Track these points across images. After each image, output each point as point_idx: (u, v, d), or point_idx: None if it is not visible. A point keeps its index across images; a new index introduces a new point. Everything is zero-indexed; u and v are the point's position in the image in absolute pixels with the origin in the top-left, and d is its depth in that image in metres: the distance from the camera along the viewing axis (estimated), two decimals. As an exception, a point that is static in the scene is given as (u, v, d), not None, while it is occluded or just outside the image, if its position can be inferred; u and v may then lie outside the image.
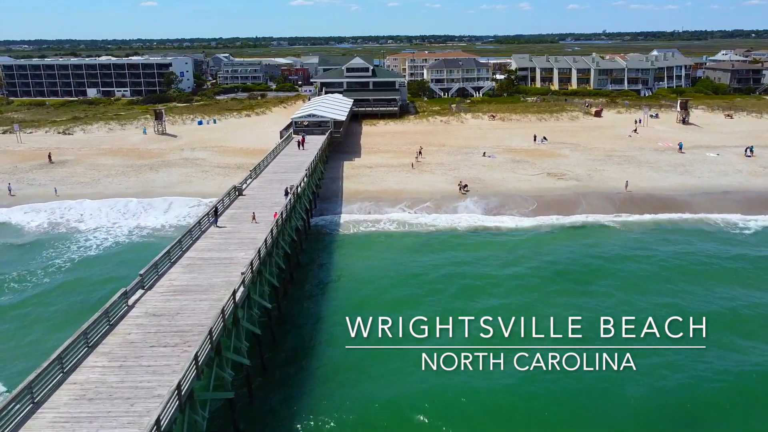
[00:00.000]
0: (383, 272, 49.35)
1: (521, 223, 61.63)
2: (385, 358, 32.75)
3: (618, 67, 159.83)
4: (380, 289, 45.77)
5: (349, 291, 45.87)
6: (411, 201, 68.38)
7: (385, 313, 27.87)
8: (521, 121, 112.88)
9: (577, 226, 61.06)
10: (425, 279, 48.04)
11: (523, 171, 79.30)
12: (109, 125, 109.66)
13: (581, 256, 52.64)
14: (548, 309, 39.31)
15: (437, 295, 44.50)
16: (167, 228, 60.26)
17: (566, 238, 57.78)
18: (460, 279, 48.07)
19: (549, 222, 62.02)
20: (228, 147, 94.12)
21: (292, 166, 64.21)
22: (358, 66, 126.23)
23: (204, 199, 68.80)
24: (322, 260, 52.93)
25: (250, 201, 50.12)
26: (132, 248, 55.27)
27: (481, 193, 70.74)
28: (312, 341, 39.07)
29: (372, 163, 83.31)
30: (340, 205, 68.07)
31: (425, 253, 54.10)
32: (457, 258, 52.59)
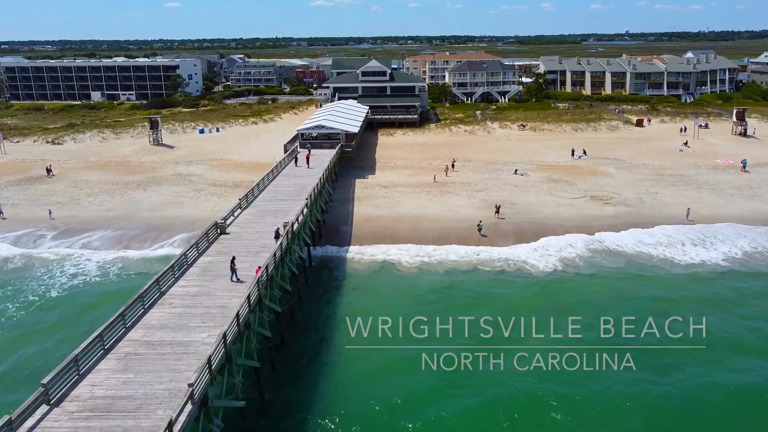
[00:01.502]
0: (390, 338, 38.78)
1: (567, 262, 50.80)
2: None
3: (656, 70, 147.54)
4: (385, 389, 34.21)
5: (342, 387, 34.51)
6: (432, 231, 58.08)
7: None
8: (554, 131, 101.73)
9: (636, 272, 49.89)
10: (447, 348, 37.60)
11: (562, 193, 68.47)
12: (102, 134, 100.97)
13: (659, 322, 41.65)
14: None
15: (463, 390, 33.62)
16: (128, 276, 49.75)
17: (627, 286, 46.79)
18: (494, 346, 37.66)
19: (601, 262, 51.11)
20: (227, 160, 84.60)
21: (291, 192, 54.28)
22: (375, 69, 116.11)
23: (193, 225, 59.51)
24: (318, 315, 42.68)
25: (233, 243, 40.22)
26: (74, 305, 43.91)
27: (515, 221, 60.19)
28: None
29: (388, 182, 73.10)
30: (349, 234, 58.00)
31: (447, 303, 43.57)
32: (486, 313, 41.96)
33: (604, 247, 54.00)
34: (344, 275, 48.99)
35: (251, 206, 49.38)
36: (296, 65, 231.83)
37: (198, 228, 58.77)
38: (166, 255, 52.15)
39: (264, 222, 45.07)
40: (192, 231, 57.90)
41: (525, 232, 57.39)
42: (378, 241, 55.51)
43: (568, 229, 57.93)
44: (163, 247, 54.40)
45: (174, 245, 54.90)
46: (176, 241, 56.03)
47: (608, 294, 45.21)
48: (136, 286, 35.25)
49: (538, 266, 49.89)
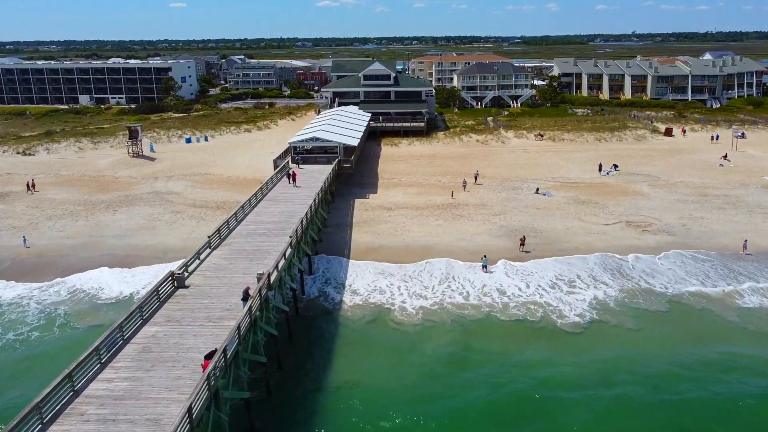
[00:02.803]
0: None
1: (603, 308, 41.66)
2: None
3: (680, 73, 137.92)
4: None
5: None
6: (444, 265, 49.09)
7: None
8: (576, 141, 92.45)
9: (694, 324, 40.71)
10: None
11: (592, 218, 59.28)
12: (79, 143, 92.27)
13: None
14: None
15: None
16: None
17: (686, 344, 37.62)
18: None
19: (645, 308, 41.97)
20: (213, 175, 75.71)
21: (276, 223, 45.26)
22: (378, 72, 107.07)
23: (164, 256, 50.76)
24: (303, 397, 33.65)
25: (190, 303, 31.25)
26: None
27: (540, 254, 51.15)
28: None
29: (391, 203, 64.10)
30: (344, 269, 49.09)
31: (461, 371, 34.58)
32: (510, 393, 32.97)
33: (646, 286, 45.00)
34: (336, 328, 39.97)
35: (224, 244, 40.37)
36: (297, 66, 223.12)
37: (171, 260, 50.51)
38: (124, 298, 43.56)
39: (236, 268, 36.09)
40: (162, 263, 49.39)
41: (557, 267, 48.42)
42: (380, 280, 46.73)
43: (604, 262, 49.14)
44: (123, 290, 45.43)
45: (137, 285, 46.00)
46: (140, 278, 47.12)
47: (665, 357, 36.07)
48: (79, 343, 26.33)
49: (567, 314, 40.78)
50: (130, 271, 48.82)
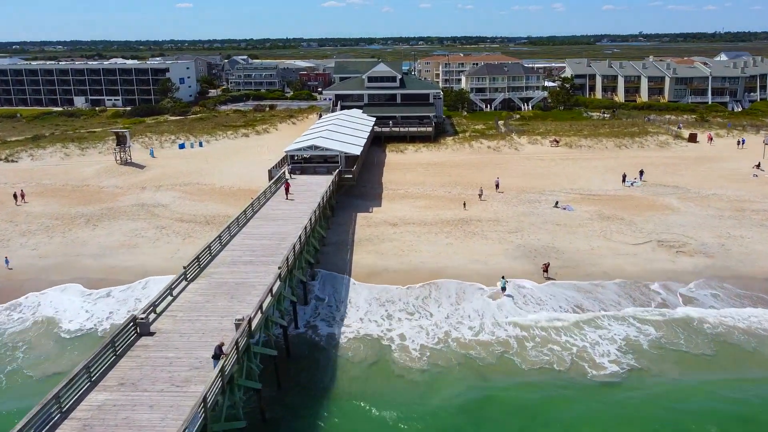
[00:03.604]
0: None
1: (638, 352, 35.94)
2: None
3: (700, 74, 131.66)
4: None
5: None
6: (455, 291, 43.61)
7: None
8: (594, 148, 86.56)
9: (749, 374, 34.92)
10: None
11: (619, 236, 53.50)
12: (66, 149, 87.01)
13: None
14: None
15: None
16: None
17: (745, 401, 31.86)
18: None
19: (690, 351, 36.23)
20: (204, 185, 70.30)
21: (266, 248, 39.70)
22: (383, 74, 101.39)
23: (144, 280, 45.52)
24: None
25: (152, 358, 25.77)
26: None
27: (562, 279, 45.52)
28: None
29: (397, 218, 58.52)
30: (344, 295, 43.65)
31: None
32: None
33: (685, 321, 39.28)
34: (333, 372, 34.41)
35: (204, 275, 34.86)
36: (300, 67, 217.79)
37: (151, 283, 45.32)
38: (89, 331, 38.19)
39: (214, 308, 30.58)
40: (137, 290, 44.14)
41: (578, 297, 42.77)
42: (384, 310, 41.29)
43: (637, 291, 43.48)
44: (88, 320, 40.02)
45: (105, 313, 40.57)
46: (111, 305, 41.67)
47: (720, 418, 30.34)
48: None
49: (597, 358, 35.02)
50: (101, 295, 43.51)
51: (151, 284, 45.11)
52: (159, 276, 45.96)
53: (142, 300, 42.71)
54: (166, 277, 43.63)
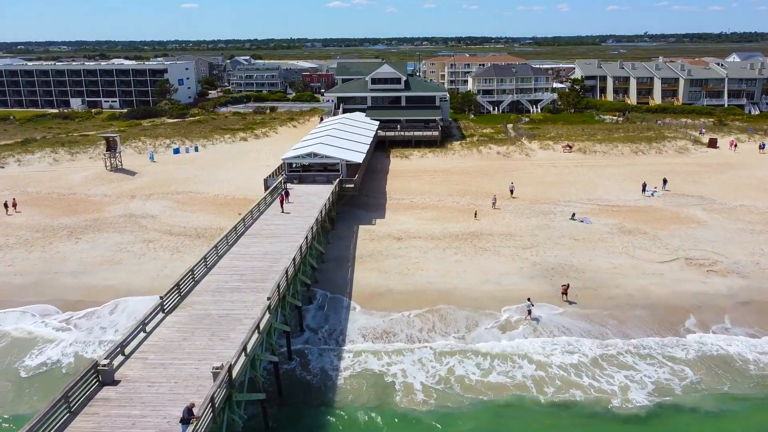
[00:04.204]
0: None
1: (671, 392, 31.82)
2: None
3: (716, 76, 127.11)
4: None
5: None
6: (465, 315, 39.60)
7: None
8: (609, 154, 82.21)
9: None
10: None
11: (644, 253, 49.27)
12: (55, 154, 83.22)
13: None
14: None
15: None
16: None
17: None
18: None
19: (730, 388, 32.06)
20: (197, 194, 66.35)
21: (256, 271, 35.63)
22: (387, 76, 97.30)
23: (125, 302, 41.65)
24: None
25: (111, 417, 21.78)
26: None
27: (583, 302, 41.41)
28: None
29: (402, 231, 54.43)
30: (344, 318, 39.73)
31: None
32: None
33: (724, 358, 35.00)
34: (330, 417, 30.37)
35: (184, 305, 30.81)
36: (303, 68, 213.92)
37: (133, 304, 41.52)
38: (54, 367, 34.19)
39: (191, 348, 26.55)
40: (120, 311, 40.32)
41: (602, 327, 38.59)
42: (387, 336, 37.33)
43: (667, 320, 39.26)
44: (54, 352, 36.02)
45: (72, 353, 36.48)
46: (83, 333, 37.69)
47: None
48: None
49: (625, 408, 30.75)
50: (75, 319, 39.55)
51: (133, 306, 41.27)
52: (141, 297, 42.15)
53: (120, 324, 38.95)
54: (148, 299, 39.92)
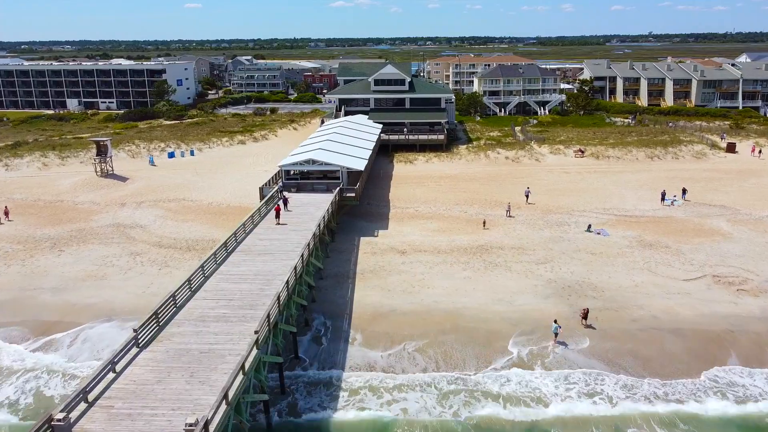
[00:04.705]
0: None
1: None
2: None
3: (730, 77, 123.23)
4: None
5: None
6: (474, 357, 35.90)
7: None
8: (623, 159, 78.58)
9: None
10: None
11: (667, 269, 45.72)
12: (45, 158, 79.99)
13: None
14: None
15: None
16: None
17: None
18: None
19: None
20: (190, 202, 63.01)
21: (245, 295, 32.21)
22: (391, 77, 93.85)
23: (108, 322, 38.37)
24: None
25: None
26: None
27: (603, 325, 37.87)
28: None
29: (406, 244, 50.97)
30: (344, 340, 36.37)
31: None
32: None
33: None
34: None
35: (162, 337, 27.41)
36: (305, 68, 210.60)
37: (115, 327, 38.30)
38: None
39: (166, 393, 23.12)
40: (95, 337, 36.99)
41: (625, 352, 34.97)
42: (391, 368, 33.82)
43: (701, 353, 35.54)
44: (7, 389, 32.55)
45: (31, 391, 33.09)
46: (49, 361, 34.32)
47: None
48: None
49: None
50: (44, 345, 36.13)
51: (107, 333, 37.91)
52: (112, 323, 38.87)
53: (95, 350, 35.59)
54: (121, 328, 36.60)
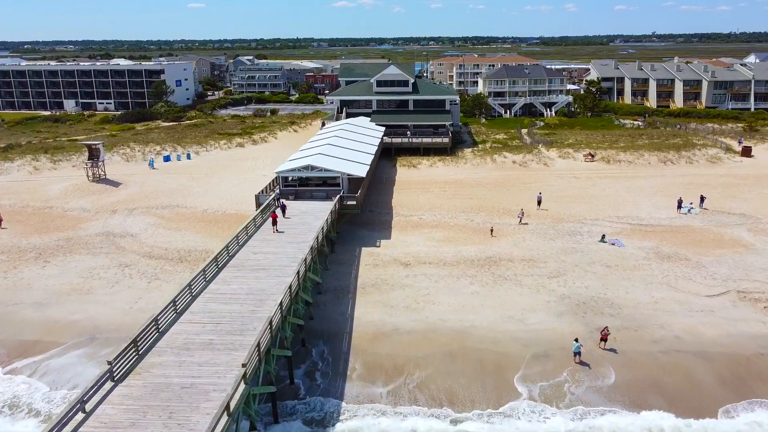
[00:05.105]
0: None
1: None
2: None
3: (742, 78, 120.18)
4: None
5: None
6: (487, 372, 33.27)
7: None
8: (635, 164, 75.69)
9: None
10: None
11: (688, 284, 42.92)
12: (36, 162, 77.49)
13: None
14: None
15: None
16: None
17: None
18: None
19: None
20: (184, 209, 60.36)
21: (235, 317, 29.55)
22: (394, 78, 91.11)
23: (91, 342, 35.80)
24: None
25: None
26: None
27: (627, 351, 35.07)
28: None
29: (410, 255, 48.24)
30: (343, 366, 33.60)
31: None
32: None
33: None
34: None
35: (140, 369, 24.73)
36: (307, 68, 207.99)
37: (98, 346, 35.81)
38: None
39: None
40: (71, 362, 34.39)
41: (648, 386, 32.12)
42: (394, 398, 31.15)
43: (730, 377, 32.77)
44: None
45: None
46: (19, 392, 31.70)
47: None
48: None
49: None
50: (15, 371, 33.49)
51: (78, 355, 35.26)
52: (95, 346, 36.17)
53: (77, 377, 32.94)
54: (97, 356, 33.97)
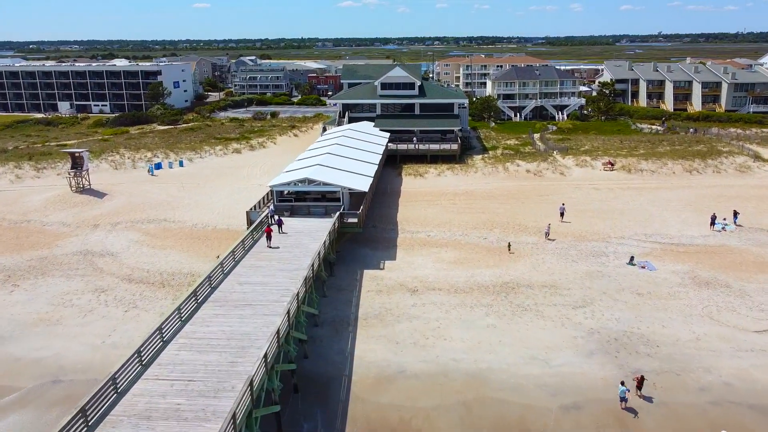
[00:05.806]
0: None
1: None
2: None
3: (764, 80, 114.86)
4: None
5: None
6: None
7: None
8: (658, 173, 70.54)
9: None
10: None
11: (731, 316, 37.96)
12: (19, 169, 72.97)
13: None
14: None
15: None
16: None
17: None
18: None
19: None
20: (172, 224, 55.63)
21: (210, 371, 24.79)
22: (399, 80, 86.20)
23: (52, 387, 31.24)
24: None
25: None
26: None
27: (663, 397, 30.25)
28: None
29: (417, 279, 43.39)
30: (341, 424, 28.81)
31: None
32: None
33: None
34: None
35: (109, 422, 19.98)
36: (310, 69, 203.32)
37: (60, 392, 31.22)
38: None
39: None
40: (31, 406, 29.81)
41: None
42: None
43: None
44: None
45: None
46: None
47: None
48: None
49: None
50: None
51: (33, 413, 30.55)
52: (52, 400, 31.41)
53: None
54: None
